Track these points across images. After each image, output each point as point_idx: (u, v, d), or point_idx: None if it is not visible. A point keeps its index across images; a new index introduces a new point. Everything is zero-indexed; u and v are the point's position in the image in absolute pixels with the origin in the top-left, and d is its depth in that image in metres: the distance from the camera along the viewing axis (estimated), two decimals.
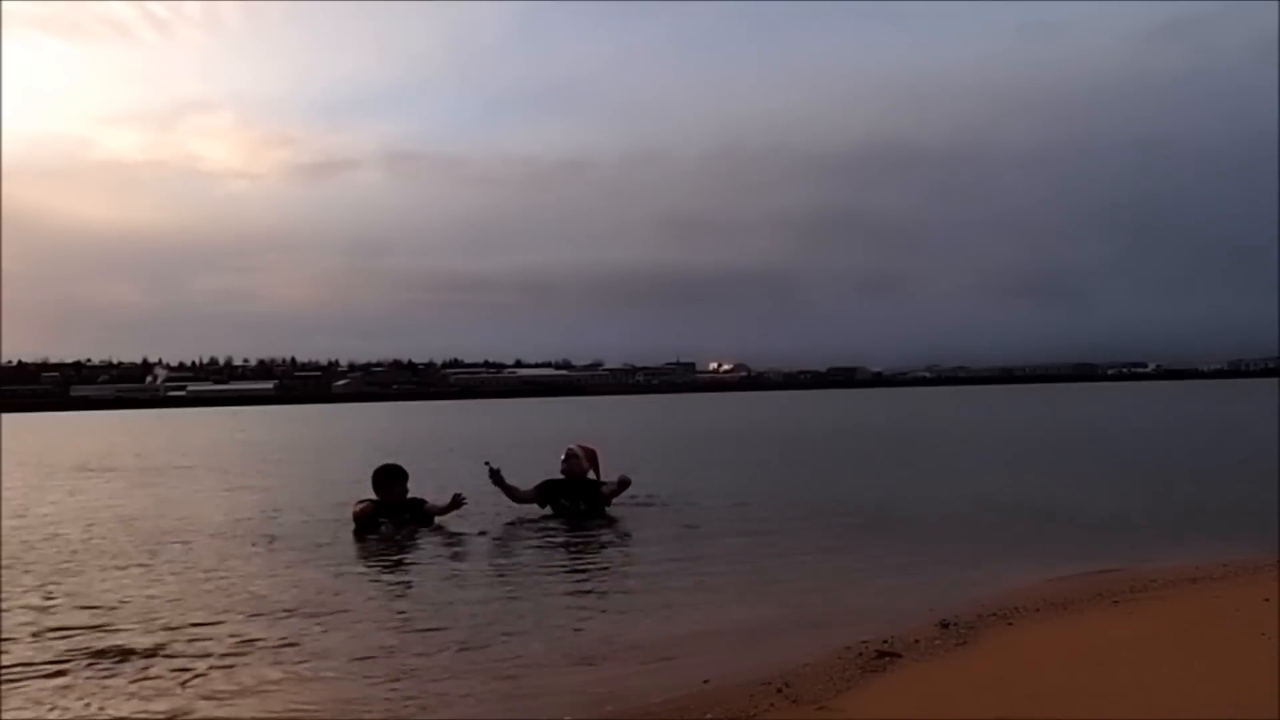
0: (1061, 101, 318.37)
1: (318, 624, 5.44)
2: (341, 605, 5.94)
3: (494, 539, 8.40)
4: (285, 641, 5.07)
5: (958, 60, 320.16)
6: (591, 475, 9.58)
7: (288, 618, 5.59)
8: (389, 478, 8.95)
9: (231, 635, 5.19)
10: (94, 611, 5.77)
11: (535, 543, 8.21)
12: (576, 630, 5.33)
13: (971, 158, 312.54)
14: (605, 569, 7.10)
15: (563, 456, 9.59)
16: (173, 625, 5.42)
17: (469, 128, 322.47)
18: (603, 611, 5.79)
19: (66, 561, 7.57)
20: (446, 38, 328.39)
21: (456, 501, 8.94)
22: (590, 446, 9.82)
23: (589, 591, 6.35)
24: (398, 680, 4.49)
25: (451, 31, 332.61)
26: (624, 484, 9.52)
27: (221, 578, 6.83)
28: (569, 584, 6.59)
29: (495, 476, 9.22)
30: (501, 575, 6.87)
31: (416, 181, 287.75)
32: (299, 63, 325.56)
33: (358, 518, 8.70)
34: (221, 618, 5.60)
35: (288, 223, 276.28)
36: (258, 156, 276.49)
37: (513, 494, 9.46)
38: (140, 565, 7.38)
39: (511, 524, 9.03)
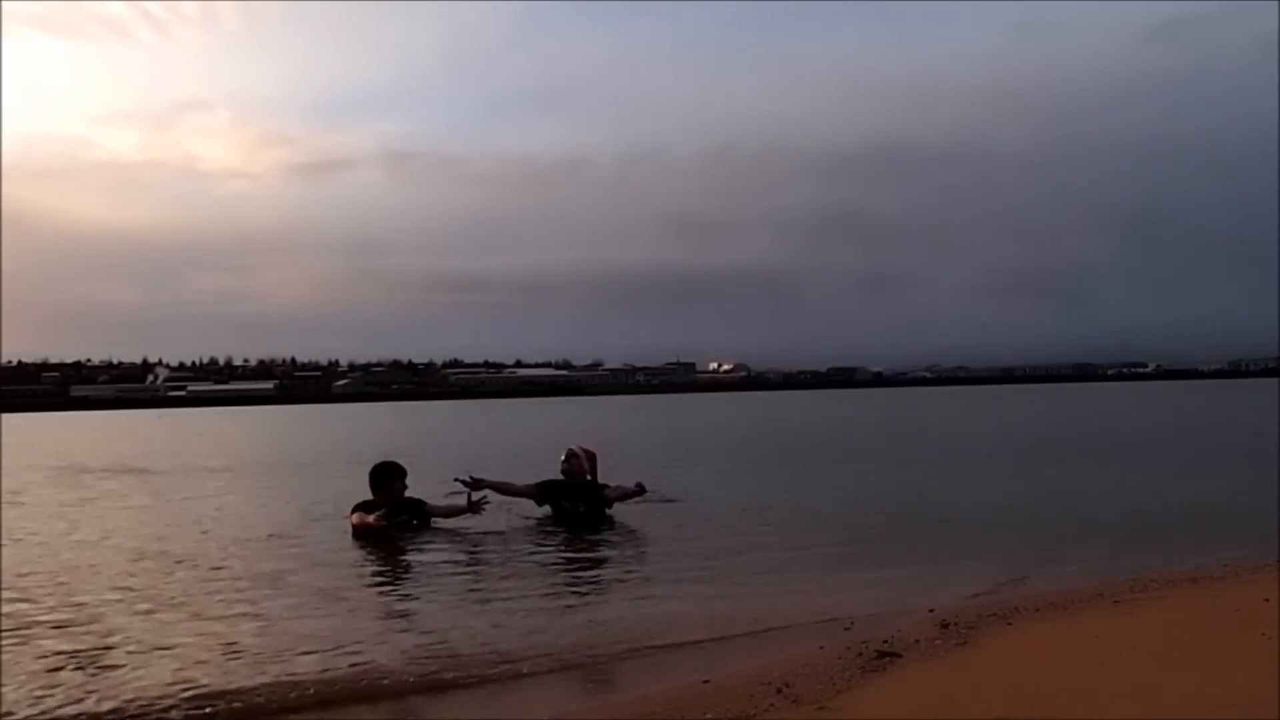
0: (1060, 101, 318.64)
1: (314, 621, 5.45)
2: (340, 603, 5.95)
3: (493, 540, 8.38)
4: (279, 641, 5.07)
5: (956, 60, 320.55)
6: (589, 478, 9.53)
7: (281, 616, 5.60)
8: (388, 476, 8.88)
9: (229, 643, 5.20)
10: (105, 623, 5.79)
11: (534, 544, 8.21)
12: (575, 629, 5.33)
13: (971, 157, 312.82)
14: (604, 569, 7.10)
15: (563, 456, 9.54)
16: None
17: (467, 127, 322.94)
18: (602, 611, 5.79)
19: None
20: (444, 38, 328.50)
21: (475, 507, 8.75)
22: (590, 450, 9.76)
23: (588, 592, 6.36)
24: (393, 679, 4.50)
25: (449, 31, 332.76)
26: (639, 490, 9.36)
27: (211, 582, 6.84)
28: (568, 584, 6.59)
29: (476, 484, 8.93)
30: (500, 575, 6.86)
31: (415, 181, 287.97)
32: (297, 62, 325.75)
33: (356, 529, 8.53)
34: (215, 627, 5.61)
35: (286, 222, 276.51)
36: (255, 156, 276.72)
37: (506, 489, 9.41)
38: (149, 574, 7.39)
39: (511, 525, 9.00)
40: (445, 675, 4.57)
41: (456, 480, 9.06)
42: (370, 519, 8.42)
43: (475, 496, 8.77)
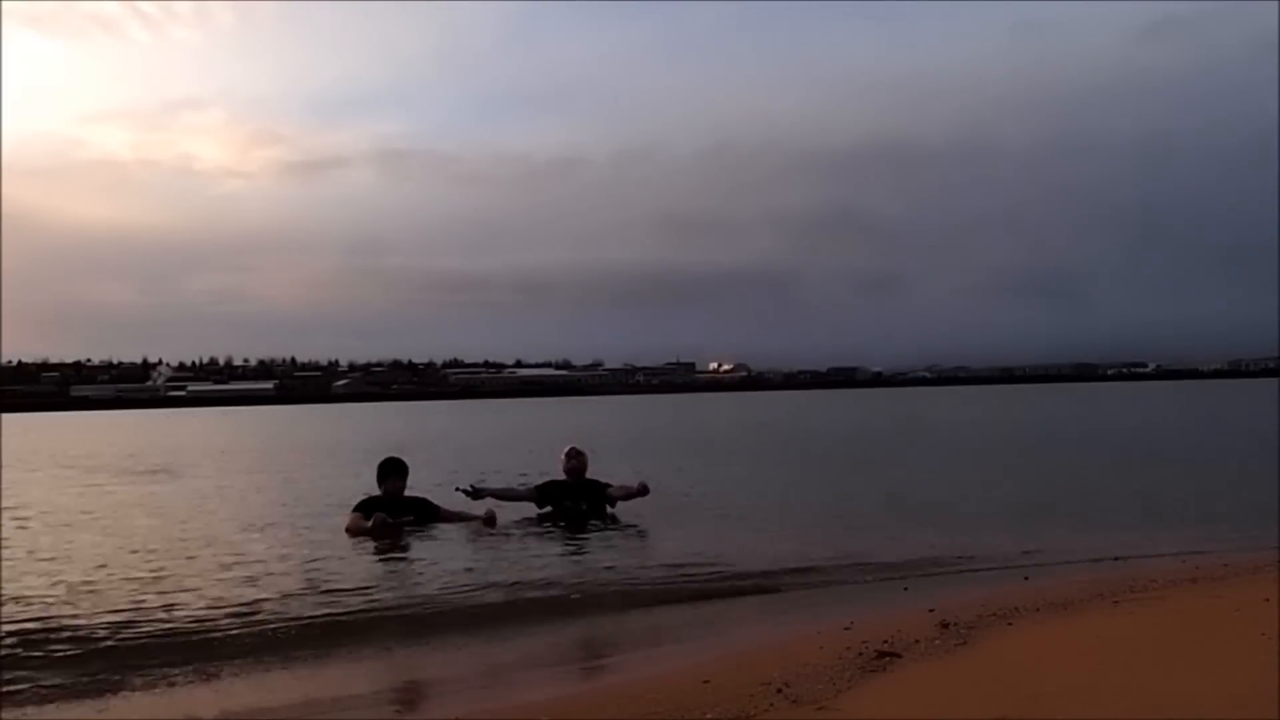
0: (1058, 100, 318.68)
1: (309, 614, 5.45)
2: (338, 601, 5.95)
3: (491, 538, 8.38)
4: (269, 646, 5.08)
5: (952, 59, 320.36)
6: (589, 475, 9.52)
7: (273, 607, 5.61)
8: (388, 471, 8.88)
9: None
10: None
11: (532, 542, 8.20)
12: (574, 630, 5.33)
13: (968, 157, 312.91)
14: (603, 568, 7.08)
15: (564, 455, 9.54)
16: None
17: (461, 126, 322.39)
18: (601, 610, 5.79)
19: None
20: (439, 36, 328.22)
21: (488, 519, 8.74)
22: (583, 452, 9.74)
23: (587, 590, 6.34)
24: (388, 677, 4.51)
25: (444, 30, 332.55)
26: (643, 490, 9.31)
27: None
28: (566, 583, 6.56)
29: (476, 494, 9.06)
30: (498, 574, 6.83)
31: (410, 180, 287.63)
32: (291, 61, 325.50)
33: (350, 532, 8.46)
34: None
35: (282, 222, 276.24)
36: (248, 155, 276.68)
37: (507, 495, 9.42)
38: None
39: (510, 524, 8.97)
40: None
41: (459, 490, 9.10)
42: (367, 524, 8.41)
43: (482, 510, 8.82)
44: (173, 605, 5.86)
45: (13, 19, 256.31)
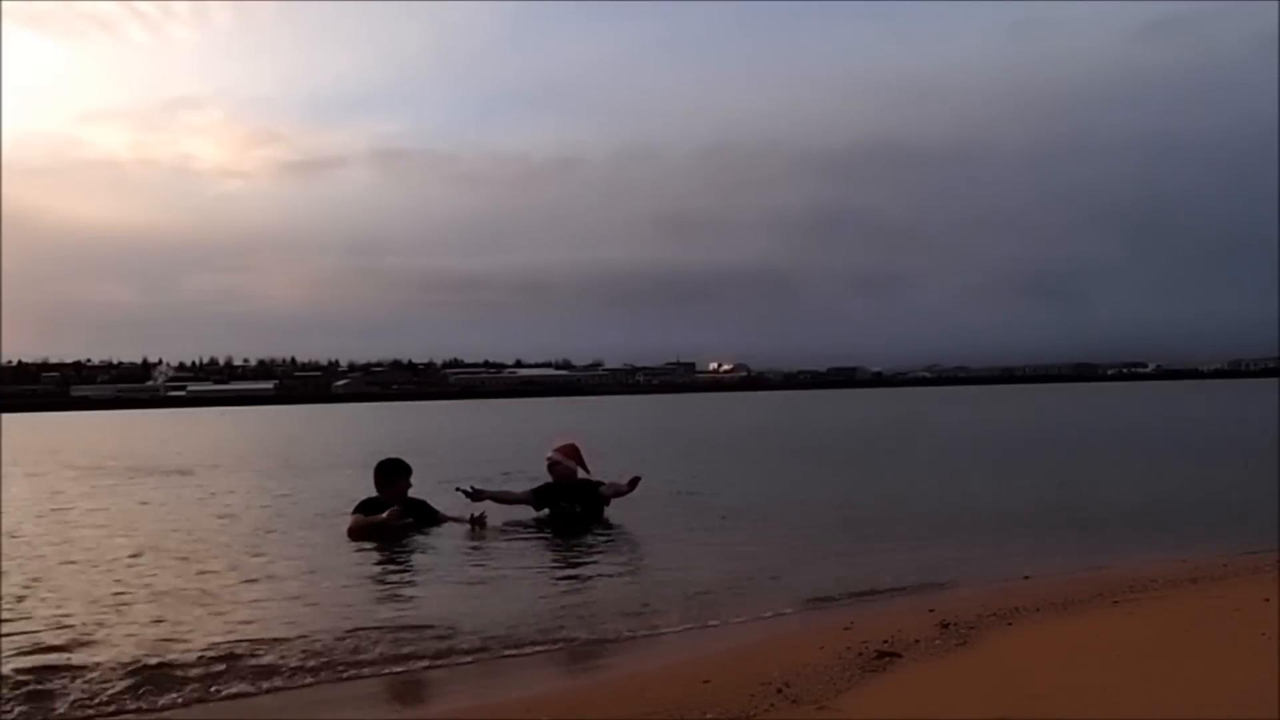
0: (1057, 99, 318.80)
1: (306, 612, 5.45)
2: (339, 601, 5.96)
3: (489, 542, 8.37)
4: (268, 640, 5.08)
5: (951, 58, 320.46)
6: (582, 473, 9.47)
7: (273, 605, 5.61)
8: (393, 472, 8.86)
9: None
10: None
11: (530, 544, 8.21)
12: (574, 630, 5.33)
13: (968, 156, 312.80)
14: (602, 569, 7.08)
15: (547, 466, 9.48)
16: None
17: (460, 126, 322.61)
18: (600, 611, 5.78)
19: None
20: (437, 36, 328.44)
21: (479, 523, 8.71)
22: (570, 442, 9.65)
23: (586, 592, 6.35)
24: (387, 678, 4.51)
25: (442, 30, 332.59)
26: (632, 486, 9.24)
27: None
28: (566, 584, 6.59)
29: (476, 495, 9.06)
30: (497, 577, 6.85)
31: (408, 180, 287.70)
32: (289, 60, 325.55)
33: (354, 531, 8.48)
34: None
35: (280, 221, 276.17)
36: (247, 154, 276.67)
37: (504, 498, 9.40)
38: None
39: (506, 527, 8.95)
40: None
41: (458, 490, 9.09)
42: (383, 515, 8.41)
43: (476, 512, 8.80)
44: (167, 610, 5.87)
45: (11, 19, 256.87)
